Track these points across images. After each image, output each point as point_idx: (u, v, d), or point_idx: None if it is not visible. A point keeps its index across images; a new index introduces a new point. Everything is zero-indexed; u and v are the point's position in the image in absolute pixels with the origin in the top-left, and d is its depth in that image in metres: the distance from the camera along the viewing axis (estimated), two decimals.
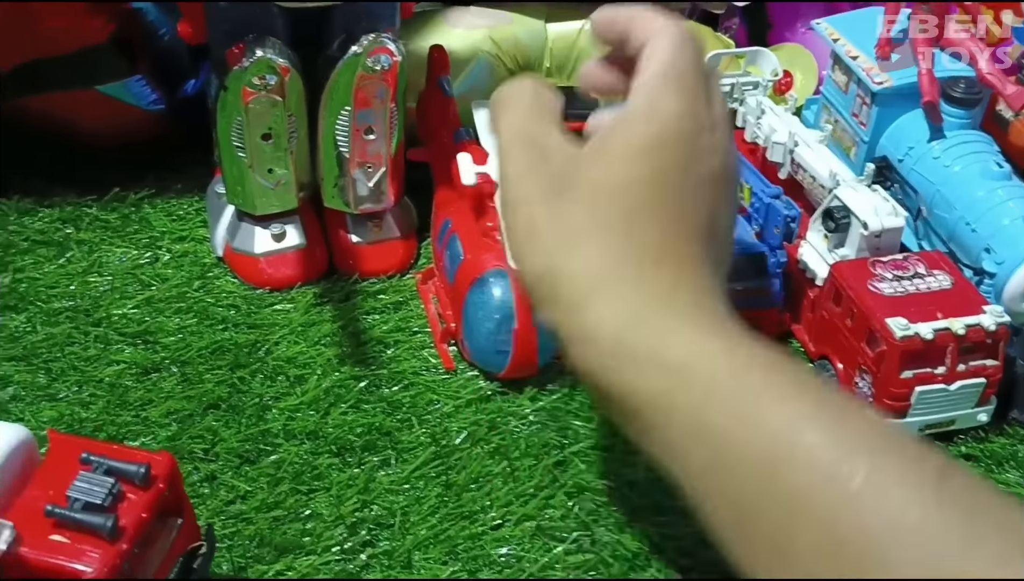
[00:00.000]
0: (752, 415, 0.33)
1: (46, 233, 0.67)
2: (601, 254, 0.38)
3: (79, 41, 0.64)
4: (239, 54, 0.55)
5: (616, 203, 0.38)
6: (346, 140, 0.59)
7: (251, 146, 0.58)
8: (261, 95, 0.55)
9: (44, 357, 0.59)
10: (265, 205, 0.62)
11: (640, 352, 0.36)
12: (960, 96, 0.65)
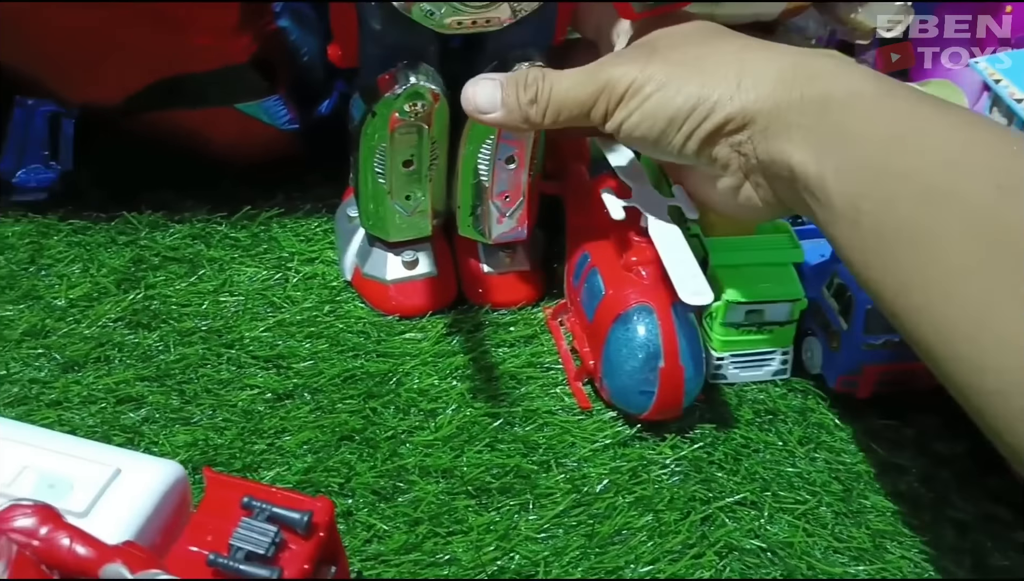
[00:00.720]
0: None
1: (177, 249, 0.67)
2: None
3: (223, 60, 0.63)
4: (390, 80, 0.53)
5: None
6: (487, 169, 0.58)
7: (392, 172, 0.56)
8: (409, 121, 0.54)
9: (178, 378, 0.58)
10: (399, 232, 0.60)
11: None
12: None
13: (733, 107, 0.43)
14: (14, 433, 0.38)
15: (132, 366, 0.58)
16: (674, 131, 0.45)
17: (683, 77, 0.44)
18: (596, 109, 0.47)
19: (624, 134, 0.47)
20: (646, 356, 0.55)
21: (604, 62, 0.48)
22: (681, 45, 0.46)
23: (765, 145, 0.43)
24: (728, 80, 0.43)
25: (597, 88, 0.47)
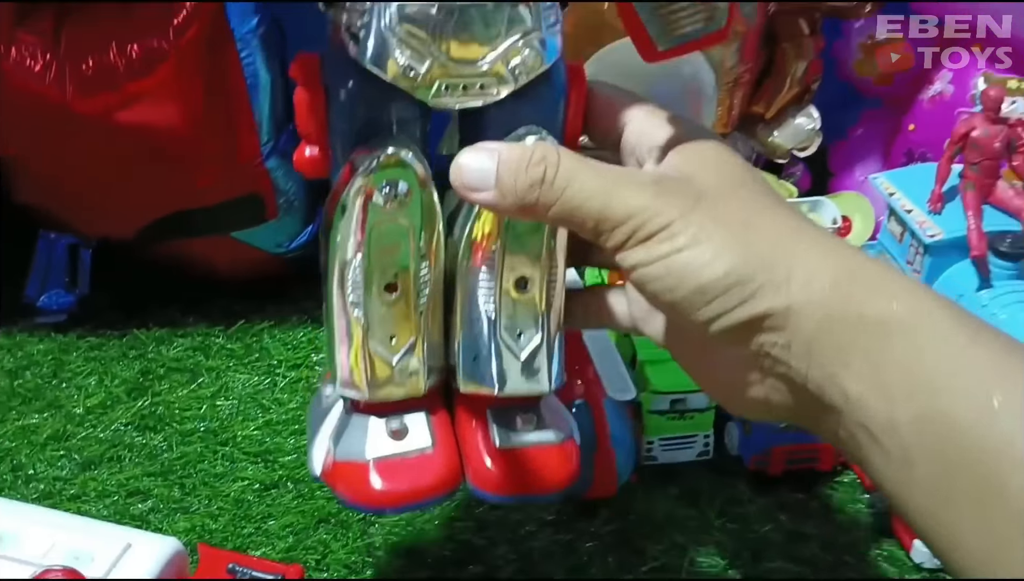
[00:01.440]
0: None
1: (180, 361, 0.77)
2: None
3: (221, 196, 0.74)
4: (362, 155, 0.40)
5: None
6: (490, 295, 0.43)
7: (371, 300, 0.42)
8: (389, 207, 0.39)
9: (179, 473, 0.67)
10: (382, 387, 0.43)
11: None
12: (1007, 250, 0.71)
13: (778, 302, 0.36)
14: (44, 518, 0.47)
15: (140, 464, 0.67)
16: (701, 303, 0.37)
17: (726, 243, 0.36)
18: (615, 233, 0.37)
19: (636, 278, 0.38)
20: (583, 445, 0.64)
21: (640, 183, 0.38)
22: (730, 198, 0.38)
23: (808, 361, 0.36)
24: (777, 266, 0.36)
25: (625, 211, 0.37)
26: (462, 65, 0.39)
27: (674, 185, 0.38)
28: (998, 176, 0.72)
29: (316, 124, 0.40)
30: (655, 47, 0.38)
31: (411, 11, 0.37)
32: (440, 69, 0.39)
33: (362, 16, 0.38)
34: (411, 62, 0.38)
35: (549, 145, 0.39)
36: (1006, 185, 0.73)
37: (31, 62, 0.66)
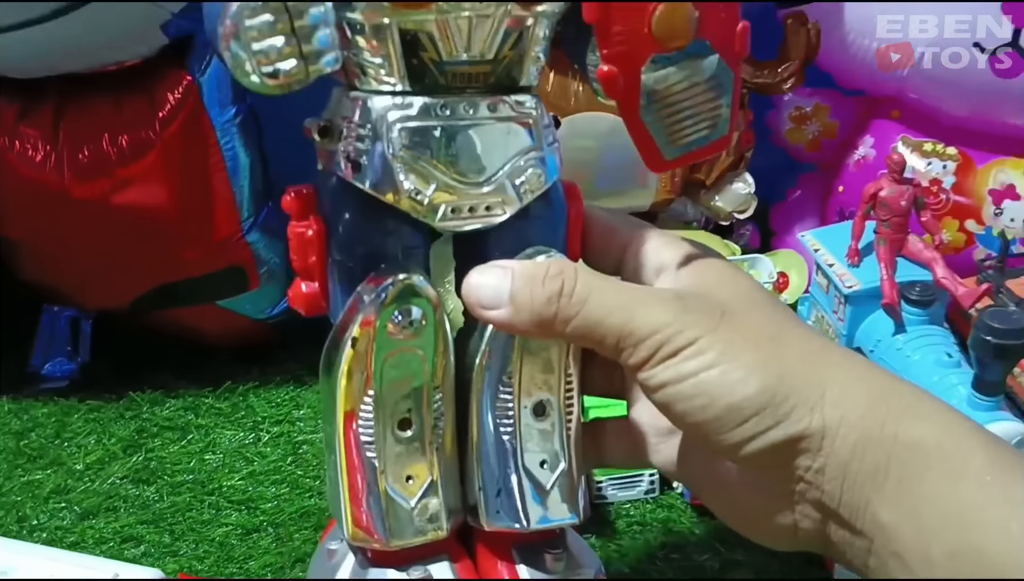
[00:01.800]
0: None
1: (172, 419, 0.84)
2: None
3: (206, 268, 0.82)
4: (373, 285, 0.38)
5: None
6: (511, 424, 0.41)
7: (384, 440, 0.40)
8: (403, 336, 0.38)
9: (169, 521, 0.74)
10: (401, 533, 0.41)
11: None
12: (916, 298, 0.78)
13: (814, 423, 0.34)
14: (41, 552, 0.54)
15: (134, 513, 0.74)
16: (734, 423, 0.35)
17: (758, 360, 0.35)
18: (638, 350, 0.35)
19: (662, 398, 0.36)
20: None
21: (663, 298, 0.36)
22: (752, 314, 0.37)
23: (842, 485, 0.34)
24: (810, 385, 0.35)
25: (649, 327, 0.35)
26: (466, 187, 0.38)
27: (697, 302, 0.36)
28: (907, 231, 0.80)
29: (315, 259, 0.38)
30: (662, 156, 0.38)
31: (413, 136, 0.36)
32: (445, 192, 0.37)
33: (362, 141, 0.37)
34: (417, 186, 0.37)
35: (565, 260, 0.38)
36: (916, 239, 0.81)
37: (32, 153, 0.75)
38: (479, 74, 0.38)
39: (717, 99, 0.38)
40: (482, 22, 0.36)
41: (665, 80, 0.37)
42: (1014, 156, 0.92)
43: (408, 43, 0.36)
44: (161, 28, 0.71)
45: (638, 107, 0.37)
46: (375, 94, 0.37)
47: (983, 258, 0.88)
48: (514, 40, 0.38)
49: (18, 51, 0.68)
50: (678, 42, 0.36)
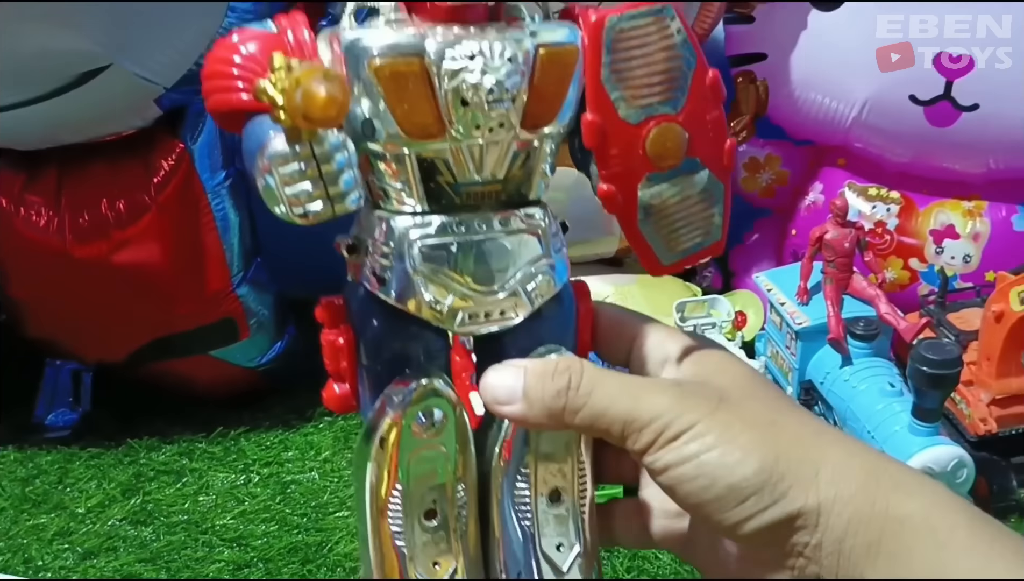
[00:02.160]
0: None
1: (168, 464, 0.89)
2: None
3: (199, 321, 0.88)
4: (398, 388, 0.41)
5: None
6: (529, 511, 0.44)
7: (411, 530, 0.43)
8: (426, 436, 0.42)
9: (165, 559, 0.78)
10: None
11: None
12: (861, 332, 0.83)
13: (809, 501, 0.36)
14: None
15: (133, 552, 0.79)
16: (733, 503, 0.37)
17: (754, 442, 0.37)
18: (641, 436, 0.38)
19: (666, 479, 0.38)
20: None
21: (662, 387, 0.40)
22: (750, 400, 0.39)
23: (838, 560, 0.36)
24: (805, 465, 0.37)
25: (651, 413, 0.38)
26: (482, 295, 0.40)
27: (695, 388, 0.39)
28: (852, 271, 0.86)
29: (345, 364, 0.42)
30: (659, 262, 0.41)
31: (432, 252, 0.39)
32: (462, 301, 0.40)
33: (386, 258, 0.40)
34: (436, 297, 0.40)
35: (572, 357, 0.40)
36: (860, 278, 0.87)
37: (37, 218, 0.81)
38: (491, 192, 0.41)
39: (709, 209, 0.41)
40: (492, 147, 0.39)
41: (660, 195, 0.40)
42: (953, 198, 0.98)
43: (425, 169, 0.39)
44: (155, 101, 0.78)
45: (636, 220, 0.40)
46: (397, 214, 0.40)
47: (926, 294, 0.94)
48: (522, 160, 0.40)
49: (22, 126, 0.74)
50: (670, 161, 0.40)
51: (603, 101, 0.38)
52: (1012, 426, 0.83)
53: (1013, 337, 0.81)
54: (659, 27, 0.39)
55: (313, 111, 0.33)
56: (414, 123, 0.38)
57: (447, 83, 0.38)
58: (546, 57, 0.39)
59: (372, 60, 0.37)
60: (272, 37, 0.39)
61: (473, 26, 0.39)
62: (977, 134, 0.92)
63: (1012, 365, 0.82)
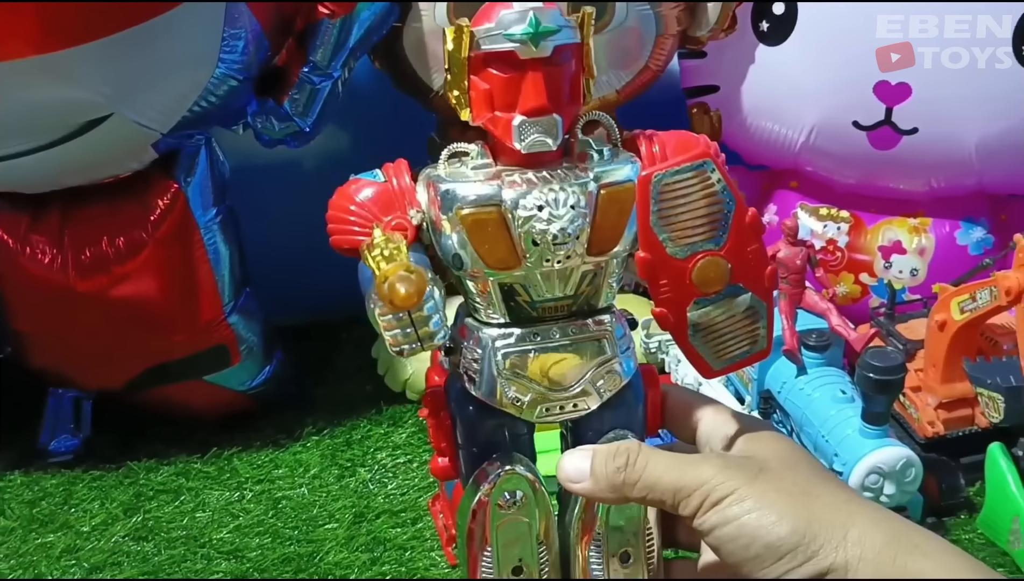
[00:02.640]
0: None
1: (166, 484, 0.94)
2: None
3: (193, 348, 0.93)
4: (483, 475, 0.50)
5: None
6: (602, 571, 0.51)
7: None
8: (511, 513, 0.49)
9: (167, 572, 0.84)
10: None
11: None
12: (814, 344, 0.89)
13: (838, 559, 0.41)
14: None
15: (136, 566, 0.84)
16: (770, 560, 0.42)
17: (790, 508, 0.42)
18: (690, 501, 0.44)
19: (713, 539, 0.43)
20: None
21: (707, 459, 0.46)
22: (790, 473, 0.44)
23: None
24: (835, 528, 0.41)
25: (696, 481, 0.43)
26: (557, 392, 0.47)
27: (737, 461, 0.45)
28: (804, 286, 0.92)
29: (446, 442, 0.51)
30: (710, 368, 0.48)
31: (514, 358, 0.47)
32: (540, 396, 0.47)
33: (476, 362, 0.47)
34: (517, 395, 0.47)
35: (631, 440, 0.47)
36: (812, 293, 0.93)
37: (41, 256, 0.86)
38: (563, 306, 0.48)
39: (754, 323, 0.47)
40: (563, 272, 0.47)
41: (707, 315, 0.46)
42: (899, 216, 1.04)
43: (505, 291, 0.47)
44: (152, 146, 0.84)
45: (687, 336, 0.46)
46: (485, 325, 0.48)
47: (876, 306, 1.00)
48: (591, 278, 0.48)
49: (29, 172, 0.80)
50: (715, 288, 0.46)
51: (652, 241, 0.44)
52: (959, 428, 0.89)
53: (956, 344, 0.88)
54: (700, 179, 0.44)
55: (396, 301, 0.40)
56: (494, 258, 0.45)
57: (520, 227, 0.45)
58: (606, 197, 0.46)
59: (460, 209, 0.45)
60: (380, 186, 0.48)
61: (546, 169, 0.46)
62: (918, 156, 0.98)
63: (956, 371, 0.88)
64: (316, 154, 1.14)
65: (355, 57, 0.90)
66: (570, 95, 0.46)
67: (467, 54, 0.45)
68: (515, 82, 0.45)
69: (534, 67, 0.45)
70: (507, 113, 0.45)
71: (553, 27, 0.44)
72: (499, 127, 0.46)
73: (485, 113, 0.46)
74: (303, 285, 1.14)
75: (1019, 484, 0.80)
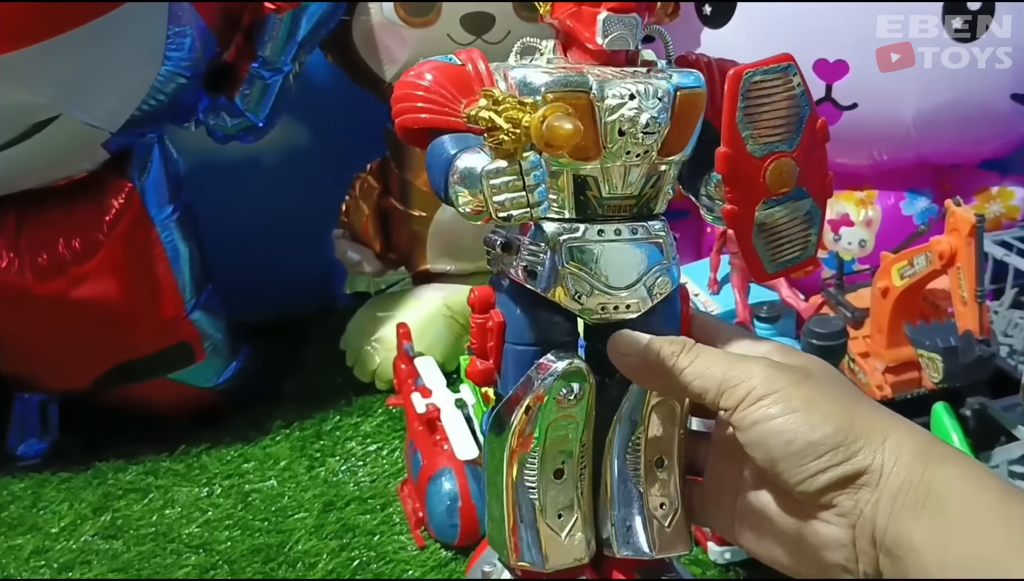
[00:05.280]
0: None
1: (134, 483, 0.95)
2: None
3: (156, 346, 0.94)
4: (545, 366, 0.48)
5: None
6: (639, 474, 0.51)
7: (544, 485, 0.49)
8: (567, 405, 0.48)
9: (136, 567, 0.84)
10: (556, 559, 0.50)
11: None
12: (765, 315, 0.92)
13: (875, 461, 0.42)
14: None
15: (106, 563, 0.85)
16: (810, 458, 0.42)
17: (834, 412, 0.43)
18: (734, 392, 0.44)
19: (755, 433, 0.44)
20: (450, 501, 0.83)
21: (757, 360, 0.45)
22: (832, 383, 0.46)
23: (889, 515, 0.42)
24: (875, 433, 0.43)
25: (743, 374, 0.44)
26: (615, 291, 0.47)
27: (785, 366, 0.46)
28: None
29: (492, 344, 0.49)
30: (764, 270, 0.49)
31: (579, 252, 0.47)
32: (598, 296, 0.47)
33: (535, 256, 0.47)
34: (578, 289, 0.47)
35: (684, 338, 0.48)
36: None
37: None
38: (627, 206, 0.48)
39: (808, 229, 0.49)
40: (634, 169, 0.47)
41: (772, 216, 0.48)
42: (846, 189, 1.07)
43: (578, 184, 0.47)
44: (102, 146, 0.84)
45: (751, 234, 0.47)
46: (546, 220, 0.47)
47: (827, 277, 1.03)
48: (654, 181, 0.48)
49: None
50: (784, 189, 0.47)
51: (736, 138, 0.45)
52: (906, 390, 0.92)
53: (898, 310, 0.90)
54: (784, 81, 0.46)
55: (558, 140, 0.40)
56: (577, 147, 0.43)
57: (608, 116, 0.45)
58: (683, 98, 0.47)
59: (548, 93, 0.45)
60: (456, 68, 0.46)
61: (621, 68, 0.46)
62: (859, 130, 1.01)
63: (900, 335, 0.90)
64: (276, 149, 1.15)
65: (305, 51, 0.91)
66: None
67: None
68: None
69: None
70: (593, 7, 0.46)
71: None
72: (583, 21, 0.46)
73: (569, 6, 0.46)
74: (269, 280, 1.16)
75: (964, 442, 0.82)
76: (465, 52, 0.47)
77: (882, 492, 0.42)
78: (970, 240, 0.81)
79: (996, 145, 1.06)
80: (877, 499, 0.42)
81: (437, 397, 0.88)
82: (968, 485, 0.42)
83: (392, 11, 0.96)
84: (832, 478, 0.42)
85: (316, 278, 1.21)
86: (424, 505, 0.85)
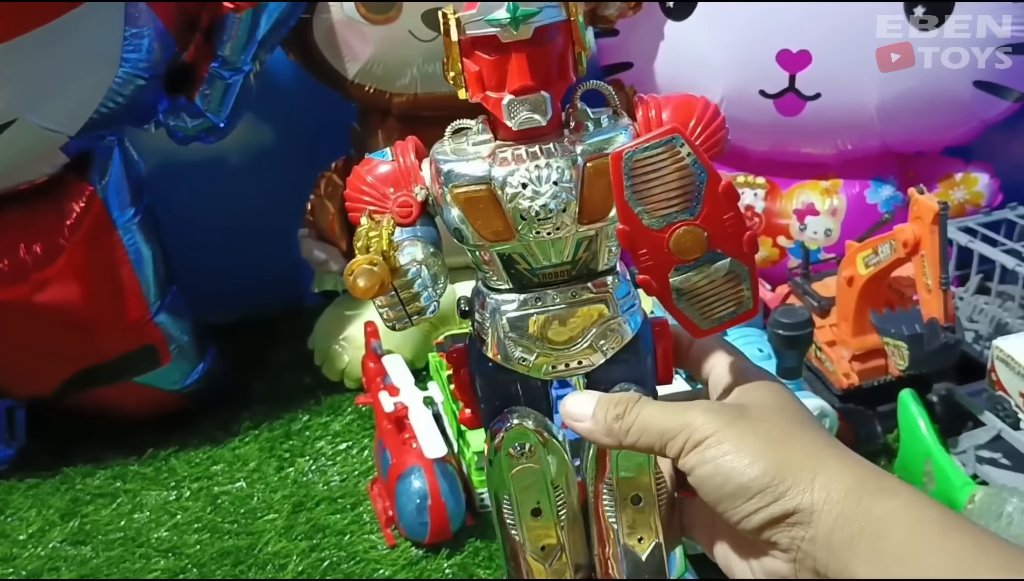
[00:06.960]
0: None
1: (102, 488, 0.94)
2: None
3: (121, 349, 0.93)
4: (497, 429, 0.53)
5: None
6: (614, 512, 0.55)
7: (523, 523, 0.54)
8: (522, 459, 0.52)
9: (105, 572, 0.84)
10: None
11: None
12: None
13: (804, 501, 0.43)
14: None
15: (75, 569, 0.84)
16: (742, 500, 0.44)
17: (763, 452, 0.45)
18: (674, 443, 0.47)
19: (694, 479, 0.47)
20: (420, 499, 0.83)
21: (693, 405, 0.48)
22: (770, 419, 0.47)
23: (828, 551, 0.43)
24: (804, 471, 0.44)
25: (680, 424, 0.47)
26: (560, 350, 0.50)
27: (720, 407, 0.48)
28: None
29: (467, 396, 0.54)
30: (698, 329, 0.49)
31: (518, 322, 0.50)
32: (545, 357, 0.50)
33: (483, 325, 0.50)
34: (523, 355, 0.50)
35: (631, 393, 0.50)
36: None
37: None
38: (563, 271, 0.49)
39: (737, 286, 0.48)
40: (557, 242, 0.48)
41: (688, 281, 0.48)
42: (812, 179, 1.07)
43: (505, 260, 0.49)
44: (61, 149, 0.83)
45: (671, 299, 0.48)
46: (494, 292, 0.50)
47: (793, 267, 1.03)
48: (587, 245, 0.49)
49: None
50: (693, 255, 0.47)
51: (628, 214, 0.46)
52: (873, 378, 0.92)
53: (864, 298, 0.91)
54: (671, 153, 0.45)
55: (356, 294, 0.43)
56: (489, 231, 0.48)
57: (508, 203, 0.47)
58: (592, 171, 0.47)
59: (453, 188, 0.48)
60: (389, 165, 0.51)
61: (540, 143, 0.48)
62: (823, 120, 1.01)
63: (866, 323, 0.91)
64: (239, 149, 1.14)
65: (265, 50, 0.91)
66: (559, 71, 0.48)
67: (458, 38, 0.47)
68: (501, 64, 0.47)
69: (517, 49, 0.46)
70: (497, 93, 0.47)
71: (532, 10, 0.46)
72: (491, 105, 0.48)
73: (479, 92, 0.48)
74: (235, 281, 1.15)
75: (931, 428, 0.83)
76: (400, 145, 0.51)
77: (817, 528, 0.43)
78: (934, 228, 0.82)
79: (960, 132, 1.06)
80: (813, 535, 0.43)
81: (405, 395, 0.88)
82: (909, 515, 0.43)
83: (353, 9, 0.96)
84: (764, 518, 0.44)
85: (283, 277, 1.20)
86: (394, 504, 0.85)
